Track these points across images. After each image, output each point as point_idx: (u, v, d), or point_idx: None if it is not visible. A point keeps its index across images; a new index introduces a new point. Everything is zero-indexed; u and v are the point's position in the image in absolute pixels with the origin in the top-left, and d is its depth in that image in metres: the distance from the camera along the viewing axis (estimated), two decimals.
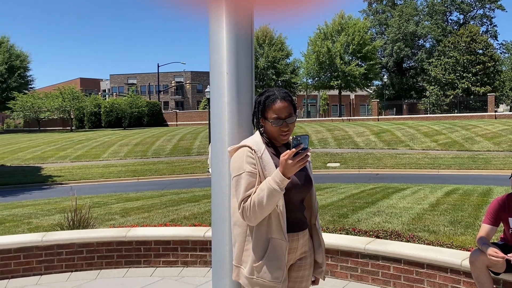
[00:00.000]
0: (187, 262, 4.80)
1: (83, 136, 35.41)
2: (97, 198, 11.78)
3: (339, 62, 42.09)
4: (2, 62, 54.81)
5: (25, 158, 26.52)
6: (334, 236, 4.54)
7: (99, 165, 23.34)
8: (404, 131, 27.57)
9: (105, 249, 4.79)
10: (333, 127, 31.54)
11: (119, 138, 32.15)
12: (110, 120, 44.63)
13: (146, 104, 45.24)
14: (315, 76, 44.71)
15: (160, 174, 20.59)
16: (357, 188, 11.76)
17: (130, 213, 8.64)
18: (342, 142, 26.03)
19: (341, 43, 42.47)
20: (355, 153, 23.07)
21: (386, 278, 4.06)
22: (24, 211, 9.90)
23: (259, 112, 2.06)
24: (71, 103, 45.59)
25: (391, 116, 41.03)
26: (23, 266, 4.65)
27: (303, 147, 1.85)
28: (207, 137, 23.88)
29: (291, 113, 2.02)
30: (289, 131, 2.03)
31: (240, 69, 2.34)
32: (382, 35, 50.30)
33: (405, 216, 7.14)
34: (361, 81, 43.35)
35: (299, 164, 1.85)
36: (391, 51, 47.85)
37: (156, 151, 26.83)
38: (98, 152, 27.16)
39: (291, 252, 2.05)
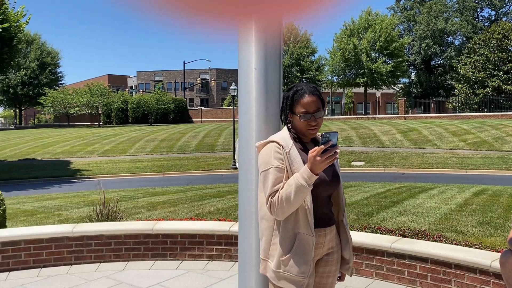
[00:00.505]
0: (212, 256, 4.86)
1: (110, 131, 36.14)
2: (124, 192, 12.03)
3: (365, 59, 41.53)
4: (34, 58, 56.47)
5: (55, 152, 27.27)
6: (359, 234, 4.51)
7: (126, 160, 23.79)
8: (432, 130, 27.03)
9: (132, 242, 4.89)
10: (358, 125, 31.19)
11: (145, 134, 32.67)
12: (136, 116, 45.39)
13: (172, 101, 45.77)
14: (340, 74, 44.26)
15: (185, 169, 20.84)
16: (383, 187, 11.62)
17: (156, 207, 8.81)
18: (367, 140, 25.72)
19: (367, 40, 41.88)
20: (380, 152, 22.76)
21: (412, 277, 4.02)
22: (55, 204, 10.22)
23: (287, 106, 2.07)
24: (99, 99, 46.56)
25: (418, 115, 40.21)
26: (55, 256, 4.81)
27: (332, 144, 1.85)
28: (231, 134, 23.98)
29: (319, 108, 2.02)
30: (317, 126, 2.03)
31: (268, 64, 2.35)
32: (410, 32, 49.34)
33: (432, 216, 7.03)
34: (387, 78, 42.64)
35: (327, 161, 1.85)
36: (419, 48, 46.88)
37: (181, 147, 27.15)
38: (125, 147, 27.68)
39: (318, 247, 2.06)
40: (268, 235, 2.03)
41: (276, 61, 2.37)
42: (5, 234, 4.79)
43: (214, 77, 65.82)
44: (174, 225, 5.08)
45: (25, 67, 55.12)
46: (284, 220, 1.97)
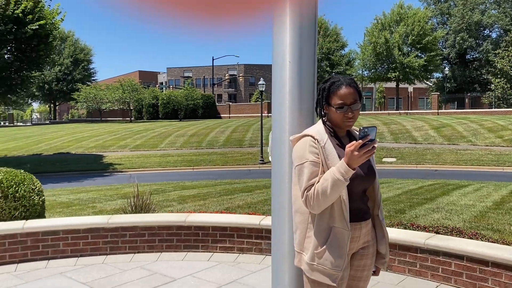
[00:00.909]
0: (243, 249, 4.90)
1: (141, 126, 36.84)
2: (155, 185, 12.26)
3: (397, 53, 40.67)
4: (68, 55, 58.16)
5: (88, 146, 28.04)
6: (392, 230, 4.44)
7: (157, 154, 24.22)
8: (466, 126, 26.26)
9: (165, 233, 4.99)
10: (389, 120, 30.64)
11: (175, 129, 33.15)
12: (167, 111, 46.10)
13: (201, 97, 46.23)
14: (371, 68, 43.51)
15: (213, 164, 21.04)
16: (415, 184, 11.40)
17: (187, 201, 8.94)
18: (399, 136, 25.24)
19: (399, 33, 40.97)
20: (412, 148, 22.31)
21: (446, 274, 3.94)
22: (89, 196, 10.52)
23: (323, 98, 2.06)
24: (131, 95, 47.48)
25: (452, 110, 39.13)
26: (91, 246, 4.96)
27: (370, 138, 1.83)
28: (259, 130, 24.01)
29: (356, 100, 2.01)
30: (354, 118, 2.02)
31: (303, 57, 2.35)
32: (444, 25, 47.95)
33: (467, 213, 6.86)
34: (420, 73, 41.62)
35: (365, 156, 1.84)
36: (454, 42, 45.52)
37: (210, 142, 27.41)
38: (155, 142, 28.18)
39: (354, 241, 2.05)
40: (302, 228, 2.04)
41: (310, 53, 2.37)
42: (45, 224, 4.98)
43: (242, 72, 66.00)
44: (206, 218, 5.15)
45: (60, 63, 56.85)
46: (319, 214, 1.97)
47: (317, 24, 2.52)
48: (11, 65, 18.54)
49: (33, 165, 19.71)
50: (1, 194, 5.24)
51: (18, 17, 17.70)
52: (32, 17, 18.08)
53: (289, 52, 2.34)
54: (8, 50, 18.71)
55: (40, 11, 18.58)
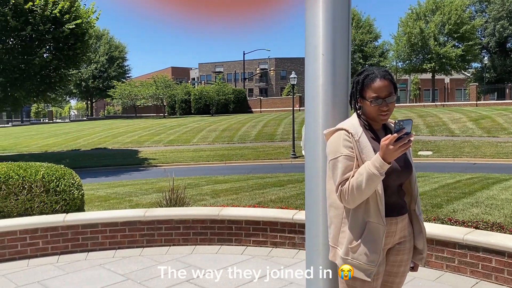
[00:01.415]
0: (276, 243, 4.91)
1: (174, 122, 37.44)
2: (189, 180, 12.44)
3: (433, 43, 39.49)
4: (103, 53, 59.70)
5: (124, 142, 28.76)
6: (429, 225, 4.34)
7: (190, 149, 24.56)
8: (507, 118, 25.23)
9: (199, 226, 5.07)
10: (425, 113, 29.84)
11: (207, 124, 33.49)
12: (199, 107, 46.64)
13: (232, 92, 46.47)
14: (405, 59, 42.45)
15: (245, 158, 21.14)
16: (452, 178, 11.08)
17: (220, 195, 9.03)
18: (435, 129, 24.56)
19: (435, 23, 39.73)
20: (449, 141, 21.66)
21: (487, 271, 3.81)
22: (125, 190, 10.79)
23: (357, 92, 2.03)
24: (164, 91, 48.29)
25: (492, 101, 37.64)
26: (128, 239, 5.10)
27: (405, 132, 1.79)
28: (290, 124, 23.92)
29: (391, 92, 1.96)
30: (389, 111, 1.97)
31: (336, 49, 2.31)
32: (482, 13, 46.10)
33: (508, 208, 6.60)
34: (457, 63, 40.27)
35: (400, 150, 1.80)
36: (493, 30, 43.71)
37: (241, 136, 27.54)
38: (188, 137, 28.58)
39: (389, 236, 2.02)
40: (337, 222, 2.02)
41: (344, 45, 2.33)
42: (84, 217, 5.16)
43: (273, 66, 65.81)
44: (239, 212, 5.19)
45: (95, 61, 58.46)
46: (354, 208, 1.95)
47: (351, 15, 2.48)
48: (49, 63, 19.21)
49: (72, 160, 20.42)
50: (43, 188, 5.46)
51: (55, 17, 18.30)
52: (69, 17, 18.65)
53: (322, 44, 2.31)
54: (46, 49, 19.39)
55: (76, 10, 19.14)
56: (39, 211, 5.42)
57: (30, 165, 5.74)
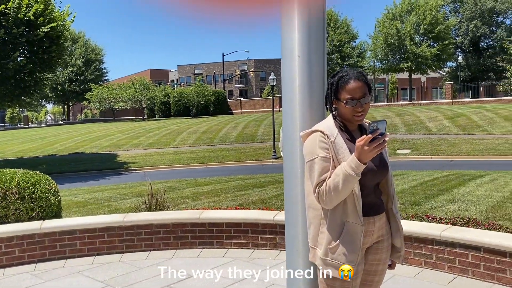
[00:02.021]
0: (257, 245, 4.91)
1: (154, 124, 37.09)
2: (169, 183, 12.34)
3: (409, 43, 40.17)
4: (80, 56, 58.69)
5: (102, 146, 28.34)
6: (407, 223, 4.40)
7: (170, 152, 24.37)
8: (482, 115, 25.86)
9: (180, 230, 5.03)
10: (403, 111, 30.33)
11: (187, 126, 33.30)
12: (178, 109, 46.33)
13: (212, 93, 46.32)
14: (383, 59, 43.06)
15: (226, 160, 21.10)
16: (430, 175, 11.29)
17: (201, 197, 8.99)
18: (413, 127, 24.98)
19: (411, 23, 40.44)
20: (427, 139, 22.06)
21: (464, 266, 3.89)
22: (104, 195, 10.64)
23: (332, 93, 2.04)
24: (143, 94, 47.81)
25: (467, 100, 38.52)
26: (107, 245, 5.02)
27: (380, 132, 1.81)
28: (270, 124, 23.99)
29: (365, 93, 1.98)
30: (364, 112, 1.99)
31: (311, 51, 2.32)
32: (456, 13, 47.19)
33: (483, 204, 6.76)
34: (433, 62, 41.06)
35: (375, 150, 1.82)
36: (467, 29, 44.79)
37: (222, 138, 27.48)
38: (168, 139, 28.35)
39: (368, 235, 2.04)
40: (316, 223, 2.03)
41: (319, 47, 2.34)
42: (62, 223, 5.05)
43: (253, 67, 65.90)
44: (220, 214, 5.17)
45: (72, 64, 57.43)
46: (332, 209, 1.96)
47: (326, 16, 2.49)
48: (24, 67, 18.79)
49: (49, 166, 20.01)
50: (18, 195, 5.32)
51: (29, 20, 17.91)
52: (43, 20, 18.28)
53: (297, 46, 2.32)
54: (20, 52, 18.96)
55: (51, 13, 18.77)
56: (14, 218, 5.28)
57: (4, 171, 5.59)
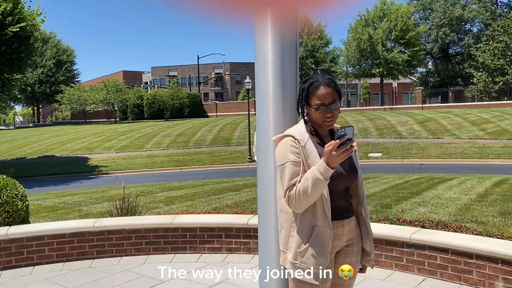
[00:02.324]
0: (231, 249, 4.90)
1: (126, 127, 36.53)
2: (142, 187, 12.17)
3: (381, 49, 40.99)
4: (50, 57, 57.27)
5: (73, 149, 27.70)
6: (378, 226, 4.48)
7: (143, 155, 24.04)
8: (450, 120, 26.61)
9: (152, 235, 4.96)
10: (374, 116, 30.89)
11: (161, 129, 32.94)
12: (152, 111, 45.77)
13: (186, 96, 45.98)
14: (355, 64, 43.78)
15: (201, 164, 20.97)
16: (401, 179, 11.52)
17: (174, 202, 8.89)
18: (384, 131, 25.47)
19: (383, 29, 41.30)
20: (398, 143, 22.53)
21: (432, 268, 3.99)
22: (75, 199, 10.40)
23: (303, 99, 2.07)
24: (115, 96, 47.00)
25: (436, 104, 39.57)
26: (77, 250, 4.90)
27: (347, 138, 1.85)
28: (246, 128, 24.01)
29: (335, 99, 2.01)
30: (334, 118, 2.02)
31: (285, 56, 2.34)
32: (426, 20, 48.51)
33: (452, 206, 6.95)
34: (404, 68, 42.03)
35: (343, 155, 1.85)
36: (436, 36, 46.09)
37: (197, 141, 27.30)
38: (141, 142, 27.97)
39: (337, 239, 2.07)
40: (287, 227, 2.05)
41: (292, 53, 2.36)
42: (29, 229, 4.91)
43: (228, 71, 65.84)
44: (193, 219, 5.13)
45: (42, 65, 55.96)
46: (302, 213, 1.99)
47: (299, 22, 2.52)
48: None
49: (17, 169, 19.40)
50: None
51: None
52: (12, 19, 17.75)
53: (271, 51, 2.33)
54: None
55: (20, 12, 18.25)
56: None
57: None
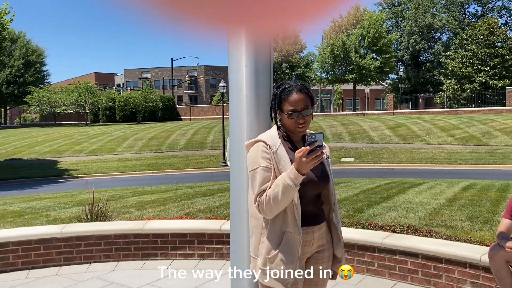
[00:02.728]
0: (203, 255, 4.83)
1: (98, 130, 35.81)
2: (113, 191, 11.91)
3: (354, 55, 41.69)
4: (19, 57, 55.62)
5: (42, 152, 26.94)
6: (351, 230, 4.51)
7: (114, 159, 23.59)
8: (420, 126, 27.25)
9: (122, 241, 4.84)
10: (347, 121, 31.33)
11: (133, 132, 32.43)
12: (124, 114, 45.03)
13: (160, 99, 45.48)
14: (329, 70, 44.36)
15: (174, 168, 20.73)
16: (372, 183, 11.68)
17: (146, 207, 8.73)
18: (357, 136, 25.85)
19: (356, 36, 42.04)
20: (370, 148, 22.90)
21: (403, 272, 4.04)
22: (42, 204, 10.08)
23: (276, 104, 2.06)
24: (86, 98, 46.07)
25: (407, 110, 40.50)
26: (43, 257, 4.73)
27: (317, 144, 1.85)
28: (221, 132, 23.93)
29: (307, 105, 2.01)
30: (306, 124, 2.02)
31: (258, 62, 2.33)
32: (398, 28, 49.66)
33: (422, 211, 7.08)
34: (376, 74, 42.87)
35: (313, 162, 1.85)
36: (407, 44, 47.23)
37: (170, 145, 27.00)
38: (113, 146, 27.45)
39: (307, 245, 2.05)
40: (257, 233, 2.03)
41: (266, 58, 2.35)
42: None
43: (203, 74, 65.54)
44: (165, 224, 5.05)
45: (10, 65, 54.26)
46: (273, 219, 1.98)
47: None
48: None
49: None
50: None
51: None
52: None
53: (244, 56, 2.31)
54: None
55: None
56: None
57: None
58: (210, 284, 4.22)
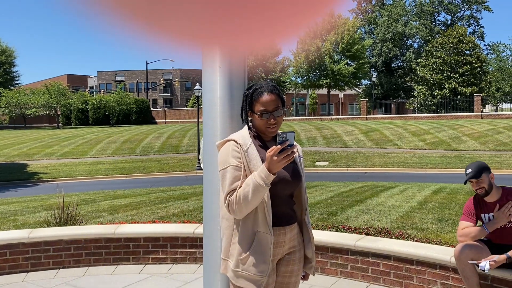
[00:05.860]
0: (176, 259, 4.76)
1: (69, 133, 35.01)
2: (84, 195, 11.65)
3: (328, 61, 42.21)
4: None
5: (10, 155, 26.13)
6: (324, 233, 4.54)
7: (86, 162, 23.10)
8: (392, 130, 27.78)
9: (93, 246, 4.73)
10: (322, 125, 31.64)
11: (106, 135, 31.85)
12: (97, 117, 44.22)
13: (134, 102, 44.89)
14: (304, 75, 44.77)
15: (148, 171, 20.45)
16: (346, 187, 11.81)
17: (118, 211, 8.57)
18: (331, 141, 26.14)
19: (330, 42, 42.61)
20: (343, 152, 23.17)
21: (375, 274, 4.08)
22: (10, 208, 9.75)
23: (247, 105, 2.06)
24: (58, 100, 45.05)
25: (380, 116, 41.30)
26: (9, 263, 4.57)
27: (289, 143, 1.85)
28: (195, 135, 23.79)
29: (278, 106, 2.01)
30: (277, 124, 2.02)
31: (233, 63, 2.32)
32: (371, 34, 50.61)
33: (394, 214, 7.19)
34: (350, 80, 43.52)
35: (284, 161, 1.85)
36: (380, 50, 48.18)
37: (144, 148, 26.64)
38: (85, 149, 26.88)
39: (279, 246, 2.04)
40: (228, 234, 2.01)
41: (241, 59, 2.34)
42: None
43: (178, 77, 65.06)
44: (137, 228, 4.95)
45: None
46: (244, 219, 1.96)
47: None
48: None
49: None
50: None
51: None
52: None
53: (219, 57, 2.30)
54: None
55: None
56: None
57: None
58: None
